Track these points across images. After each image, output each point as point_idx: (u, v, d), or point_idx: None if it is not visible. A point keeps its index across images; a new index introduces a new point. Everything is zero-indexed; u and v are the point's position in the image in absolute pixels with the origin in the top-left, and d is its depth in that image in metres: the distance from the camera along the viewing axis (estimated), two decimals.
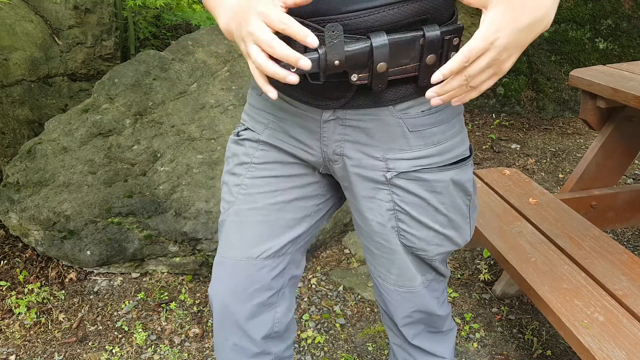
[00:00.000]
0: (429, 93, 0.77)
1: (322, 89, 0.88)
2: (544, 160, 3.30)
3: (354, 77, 0.81)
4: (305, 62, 0.72)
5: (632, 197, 2.24)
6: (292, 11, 0.76)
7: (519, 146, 3.51)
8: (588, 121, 2.17)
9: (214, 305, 1.06)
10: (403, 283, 1.05)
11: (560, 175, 3.11)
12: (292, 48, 0.74)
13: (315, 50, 0.77)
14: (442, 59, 0.82)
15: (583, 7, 3.90)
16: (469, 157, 0.98)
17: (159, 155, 2.32)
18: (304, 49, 0.78)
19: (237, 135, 1.05)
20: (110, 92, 2.42)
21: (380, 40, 0.78)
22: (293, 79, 0.74)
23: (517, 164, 3.27)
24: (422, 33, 0.80)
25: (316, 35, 0.75)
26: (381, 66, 0.79)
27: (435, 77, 0.73)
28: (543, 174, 3.14)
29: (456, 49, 0.83)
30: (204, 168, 2.29)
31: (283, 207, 1.02)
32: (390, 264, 1.03)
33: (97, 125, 2.34)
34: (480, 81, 0.74)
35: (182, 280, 2.25)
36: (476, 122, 3.88)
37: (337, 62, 0.77)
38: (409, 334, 1.15)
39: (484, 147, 3.52)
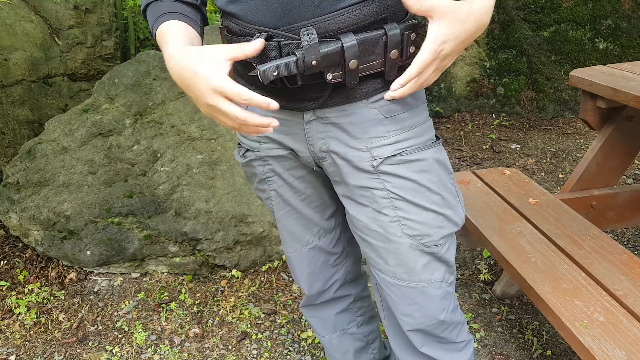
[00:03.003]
0: (387, 94, 0.93)
1: (300, 92, 0.95)
2: (544, 160, 3.30)
3: (329, 76, 0.89)
4: (274, 105, 0.82)
5: (632, 197, 2.24)
6: (266, 23, 0.87)
7: (519, 146, 3.51)
8: (588, 121, 2.17)
9: (301, 287, 1.33)
10: (402, 275, 1.05)
11: (560, 175, 3.11)
12: (267, 55, 0.87)
13: (293, 53, 0.86)
14: (404, 53, 0.92)
15: (583, 7, 3.90)
16: (439, 139, 1.06)
17: (159, 155, 2.32)
18: (279, 54, 0.87)
19: (244, 157, 1.15)
20: (110, 92, 2.42)
21: (349, 40, 0.86)
22: (275, 124, 0.84)
23: (517, 164, 3.27)
24: (384, 31, 0.88)
25: (291, 42, 0.86)
26: (352, 63, 0.88)
27: (394, 86, 0.90)
28: (543, 174, 3.14)
29: (415, 43, 0.92)
30: (204, 168, 2.29)
31: (311, 199, 1.16)
32: (387, 253, 1.04)
33: (97, 125, 2.34)
34: (427, 80, 0.89)
35: (182, 280, 2.25)
36: (476, 122, 3.88)
37: (314, 62, 0.85)
38: (416, 340, 1.13)
39: (484, 147, 3.52)
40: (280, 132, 1.04)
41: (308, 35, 0.84)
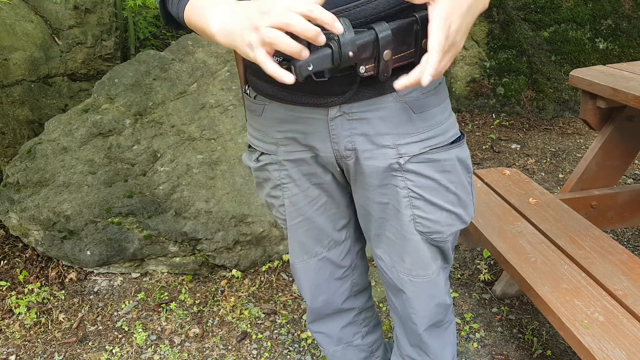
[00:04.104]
0: (398, 84, 0.78)
1: (326, 86, 0.89)
2: (544, 160, 3.30)
3: (362, 69, 0.82)
4: (322, 38, 0.72)
5: (632, 197, 2.24)
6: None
7: (519, 146, 3.51)
8: (588, 121, 2.17)
9: (305, 298, 1.28)
10: (417, 272, 1.07)
11: (560, 175, 3.11)
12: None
13: (327, 45, 0.77)
14: None
15: (583, 7, 3.90)
16: (463, 135, 1.03)
17: (159, 155, 2.32)
18: (308, 46, 0.78)
19: (257, 161, 1.08)
20: (110, 92, 2.42)
21: (383, 28, 0.80)
22: (305, 54, 0.74)
23: (517, 164, 3.27)
24: (416, 18, 0.83)
25: (323, 32, 0.76)
26: (387, 54, 0.81)
27: (426, 80, 0.76)
28: (543, 174, 3.14)
29: None
30: (204, 168, 2.29)
31: (326, 208, 1.11)
32: (403, 251, 1.05)
33: (97, 125, 2.34)
34: (444, 65, 0.79)
35: (182, 280, 2.25)
36: (476, 122, 3.88)
37: (350, 53, 0.78)
38: (429, 339, 1.17)
39: (484, 147, 3.52)
40: (302, 131, 0.98)
41: (344, 25, 0.76)
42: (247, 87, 1.05)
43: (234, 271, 2.26)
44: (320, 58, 0.77)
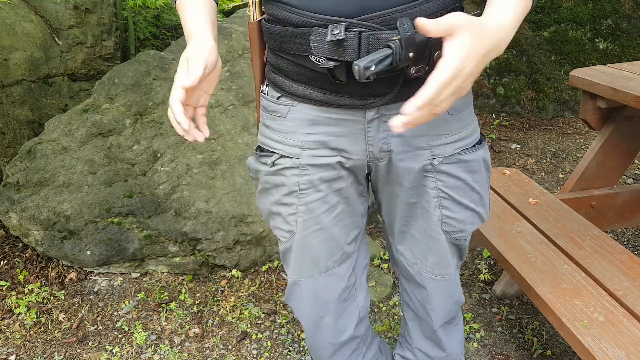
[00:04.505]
0: (395, 122, 0.74)
1: (368, 88, 0.88)
2: (544, 160, 3.30)
3: (413, 70, 0.80)
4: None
5: (632, 197, 2.24)
6: (337, 12, 0.80)
7: (519, 146, 3.51)
8: (588, 121, 2.17)
9: (305, 324, 1.16)
10: (439, 271, 1.09)
11: (560, 175, 3.11)
12: (343, 53, 0.80)
13: (388, 46, 0.76)
14: None
15: (583, 7, 3.90)
16: (484, 137, 1.06)
17: (159, 155, 2.32)
18: (358, 47, 0.79)
19: (273, 165, 1.01)
20: (110, 92, 2.42)
21: None
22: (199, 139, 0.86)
23: (517, 164, 3.27)
24: None
25: (373, 32, 0.78)
26: (437, 55, 0.79)
27: (408, 110, 0.72)
28: (543, 174, 3.14)
29: None
30: (204, 168, 2.29)
31: (341, 217, 1.06)
32: (428, 250, 1.07)
33: (97, 125, 2.34)
34: (444, 105, 0.74)
35: (182, 280, 2.25)
36: None
37: (411, 54, 0.77)
38: (443, 336, 1.19)
39: None
40: (333, 133, 0.95)
41: (404, 25, 0.75)
42: (265, 87, 1.02)
43: (234, 271, 2.26)
44: (382, 59, 0.75)
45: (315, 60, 0.85)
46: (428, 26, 0.70)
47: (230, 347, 1.90)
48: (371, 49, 0.80)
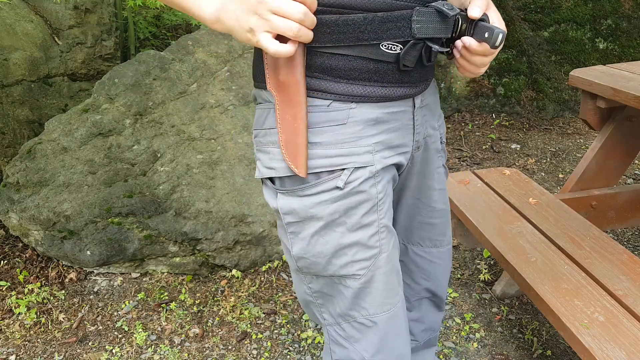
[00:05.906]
0: (475, 12, 0.84)
1: (414, 74, 0.88)
2: (544, 160, 3.30)
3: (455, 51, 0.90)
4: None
5: (632, 197, 2.24)
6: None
7: (519, 146, 3.51)
8: (588, 121, 2.17)
9: None
10: (449, 240, 1.15)
11: (560, 175, 3.11)
12: (446, 30, 0.85)
13: (482, 19, 0.85)
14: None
15: (583, 7, 3.90)
16: None
17: (159, 155, 2.32)
18: (438, 19, 0.84)
19: (344, 186, 0.84)
20: (110, 92, 2.42)
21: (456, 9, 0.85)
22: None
23: (517, 164, 3.27)
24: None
25: (447, 5, 0.82)
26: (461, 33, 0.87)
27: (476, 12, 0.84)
28: (543, 174, 3.14)
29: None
30: (204, 168, 2.29)
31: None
32: (446, 225, 1.12)
33: (97, 125, 2.34)
34: (487, 60, 0.89)
35: (182, 280, 2.25)
36: (476, 122, 3.88)
37: (464, 25, 0.85)
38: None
39: (484, 147, 3.52)
40: (390, 129, 0.88)
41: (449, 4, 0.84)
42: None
43: (234, 271, 2.26)
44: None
45: (387, 48, 0.81)
46: (476, 12, 0.84)
47: (230, 347, 1.90)
48: (456, 25, 0.87)
